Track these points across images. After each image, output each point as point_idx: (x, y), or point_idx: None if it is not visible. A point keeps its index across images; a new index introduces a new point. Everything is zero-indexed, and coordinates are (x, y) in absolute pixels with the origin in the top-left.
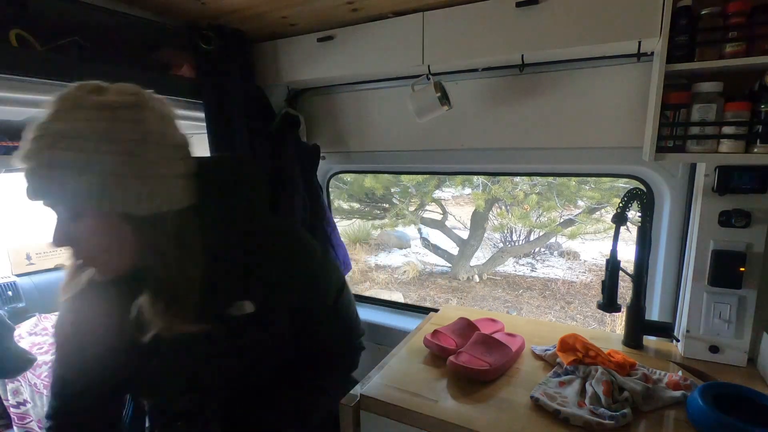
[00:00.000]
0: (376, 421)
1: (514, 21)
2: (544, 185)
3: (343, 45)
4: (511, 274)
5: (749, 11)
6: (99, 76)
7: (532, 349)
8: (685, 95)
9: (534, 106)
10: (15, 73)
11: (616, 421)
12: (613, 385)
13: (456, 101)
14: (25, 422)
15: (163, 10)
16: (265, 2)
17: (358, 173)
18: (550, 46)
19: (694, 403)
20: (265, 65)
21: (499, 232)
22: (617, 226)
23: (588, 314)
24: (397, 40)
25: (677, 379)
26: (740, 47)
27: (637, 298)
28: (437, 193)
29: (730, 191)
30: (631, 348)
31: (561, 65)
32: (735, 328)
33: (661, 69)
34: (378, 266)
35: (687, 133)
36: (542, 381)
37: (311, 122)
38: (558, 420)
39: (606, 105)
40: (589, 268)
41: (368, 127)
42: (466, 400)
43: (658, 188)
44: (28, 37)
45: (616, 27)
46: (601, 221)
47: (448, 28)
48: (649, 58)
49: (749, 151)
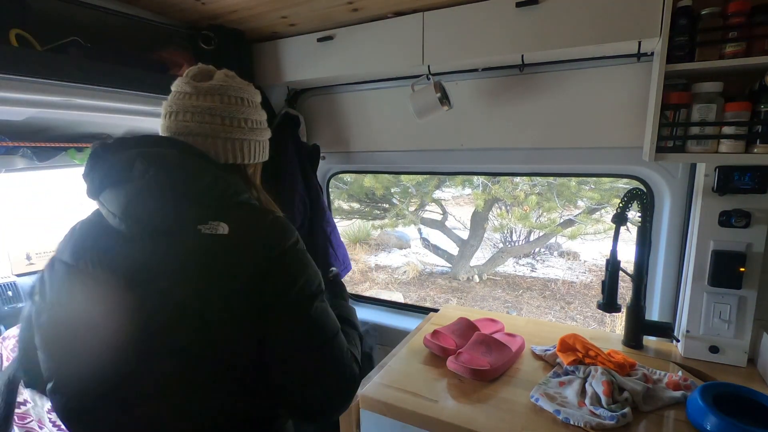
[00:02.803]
0: (376, 421)
1: (514, 21)
2: (544, 185)
3: (343, 45)
4: (511, 275)
5: (749, 11)
6: (99, 76)
7: (532, 349)
8: (685, 95)
9: (534, 106)
10: (15, 73)
11: (616, 421)
12: (613, 385)
13: (456, 101)
14: (25, 422)
15: (163, 10)
16: (265, 2)
17: (358, 173)
18: (550, 46)
19: (694, 403)
20: (265, 65)
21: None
22: (617, 226)
23: (588, 314)
24: (397, 40)
25: (677, 380)
26: (740, 47)
27: (637, 298)
28: (437, 193)
29: (730, 191)
30: (631, 348)
31: (561, 65)
32: (735, 328)
33: (661, 69)
34: (378, 266)
35: (687, 133)
36: (542, 381)
37: (311, 122)
38: (558, 420)
39: (606, 105)
40: (589, 268)
41: (368, 127)
42: (466, 400)
43: (658, 188)
44: (28, 37)
45: (616, 27)
46: (601, 221)
47: (448, 28)
48: (649, 58)
49: (749, 151)
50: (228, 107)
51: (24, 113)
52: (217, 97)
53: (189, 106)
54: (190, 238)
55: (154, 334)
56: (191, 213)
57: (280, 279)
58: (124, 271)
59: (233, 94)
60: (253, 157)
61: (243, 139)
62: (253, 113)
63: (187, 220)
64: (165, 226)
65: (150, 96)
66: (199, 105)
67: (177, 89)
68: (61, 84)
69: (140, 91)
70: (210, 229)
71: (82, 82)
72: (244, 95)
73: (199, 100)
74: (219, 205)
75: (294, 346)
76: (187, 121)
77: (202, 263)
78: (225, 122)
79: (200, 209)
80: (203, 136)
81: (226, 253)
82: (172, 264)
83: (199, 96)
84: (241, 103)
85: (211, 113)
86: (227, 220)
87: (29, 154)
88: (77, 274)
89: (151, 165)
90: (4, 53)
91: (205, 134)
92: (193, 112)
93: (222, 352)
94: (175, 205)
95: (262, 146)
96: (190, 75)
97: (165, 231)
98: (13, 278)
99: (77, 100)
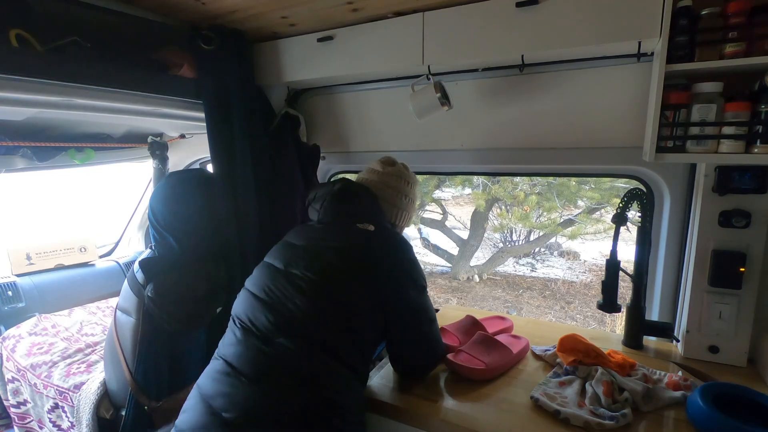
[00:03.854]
0: (377, 421)
1: (514, 21)
2: (544, 185)
3: (343, 45)
4: (511, 274)
5: (749, 11)
6: (99, 76)
7: (532, 349)
8: (685, 95)
9: (534, 106)
10: (15, 73)
11: (616, 421)
12: (614, 385)
13: (456, 101)
14: (25, 422)
15: (163, 10)
16: (265, 2)
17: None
18: (550, 46)
19: (694, 403)
20: (265, 65)
21: (499, 232)
22: (617, 226)
23: (588, 314)
24: (397, 40)
25: (677, 380)
26: (740, 47)
27: (637, 298)
28: (437, 193)
29: (730, 191)
30: (631, 348)
31: (561, 65)
32: (735, 328)
33: (661, 69)
34: None
35: (687, 134)
36: (542, 381)
37: (311, 122)
38: (558, 420)
39: (606, 105)
40: (589, 268)
41: (368, 127)
42: (466, 400)
43: (658, 188)
44: (28, 37)
45: (616, 27)
46: (601, 221)
47: (448, 28)
48: (649, 58)
49: (749, 152)
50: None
51: (24, 113)
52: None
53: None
54: (351, 228)
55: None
56: (355, 216)
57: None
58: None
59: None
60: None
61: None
62: (410, 192)
63: (352, 219)
64: (339, 220)
65: (150, 96)
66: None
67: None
68: (61, 84)
69: (140, 91)
70: (363, 226)
71: (82, 82)
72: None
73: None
74: (372, 218)
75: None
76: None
77: (349, 241)
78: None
79: (362, 216)
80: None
81: (365, 239)
82: (333, 239)
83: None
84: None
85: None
86: (374, 225)
87: (29, 154)
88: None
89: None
90: (4, 53)
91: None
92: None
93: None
94: (349, 210)
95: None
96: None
97: (338, 222)
98: (13, 278)
99: (77, 100)
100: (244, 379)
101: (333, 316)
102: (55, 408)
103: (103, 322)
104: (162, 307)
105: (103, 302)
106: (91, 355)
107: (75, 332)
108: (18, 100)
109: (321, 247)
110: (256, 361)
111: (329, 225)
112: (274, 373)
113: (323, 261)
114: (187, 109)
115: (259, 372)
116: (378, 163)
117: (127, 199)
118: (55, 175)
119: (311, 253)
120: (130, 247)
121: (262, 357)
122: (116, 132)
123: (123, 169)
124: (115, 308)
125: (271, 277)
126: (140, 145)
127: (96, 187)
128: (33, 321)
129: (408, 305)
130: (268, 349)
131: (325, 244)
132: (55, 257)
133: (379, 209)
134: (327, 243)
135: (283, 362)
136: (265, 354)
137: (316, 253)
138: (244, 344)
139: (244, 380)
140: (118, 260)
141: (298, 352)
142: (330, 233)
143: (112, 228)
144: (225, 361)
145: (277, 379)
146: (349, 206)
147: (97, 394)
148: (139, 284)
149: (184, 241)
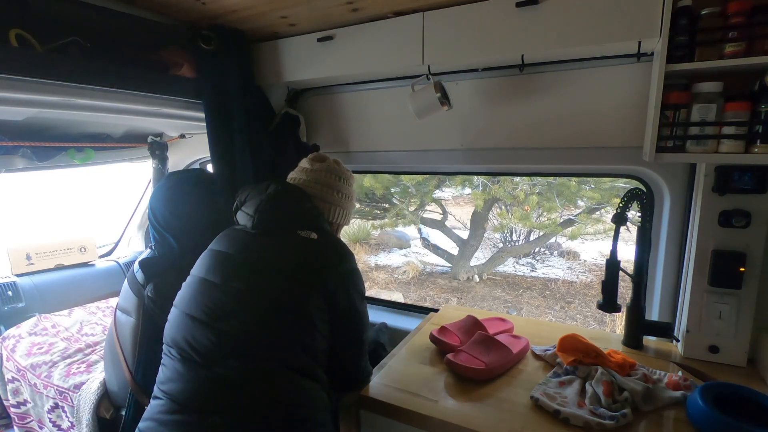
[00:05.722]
0: (376, 421)
1: (514, 21)
2: (544, 185)
3: (343, 45)
4: (511, 274)
5: (749, 11)
6: (99, 76)
7: (532, 349)
8: (685, 95)
9: (534, 106)
10: (15, 73)
11: (616, 421)
12: (613, 385)
13: (456, 101)
14: (25, 422)
15: (163, 10)
16: (265, 2)
17: (358, 173)
18: (550, 46)
19: (694, 403)
20: (265, 65)
21: (499, 232)
22: (617, 226)
23: (588, 314)
24: (397, 40)
25: (677, 380)
26: (740, 47)
27: (637, 298)
28: (437, 193)
29: (730, 191)
30: (631, 348)
31: (561, 65)
32: (735, 328)
33: (661, 69)
34: (378, 266)
35: (687, 133)
36: (542, 381)
37: (311, 122)
38: (558, 420)
39: (606, 105)
40: (589, 268)
41: (368, 127)
42: (466, 400)
43: (658, 188)
44: (28, 37)
45: (616, 27)
46: (601, 221)
47: (448, 28)
48: (649, 58)
49: (749, 151)
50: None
51: (24, 113)
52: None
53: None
54: (292, 237)
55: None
56: (295, 222)
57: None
58: (252, 256)
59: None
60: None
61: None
62: (344, 188)
63: (291, 226)
64: (278, 228)
65: (150, 96)
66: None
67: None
68: (61, 84)
69: (140, 91)
70: (305, 234)
71: (82, 82)
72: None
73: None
74: (312, 223)
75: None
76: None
77: (296, 253)
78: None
79: (301, 222)
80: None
81: (313, 250)
82: (278, 252)
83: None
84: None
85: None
86: (316, 231)
87: (29, 154)
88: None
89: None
90: (4, 53)
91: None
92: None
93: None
94: (287, 215)
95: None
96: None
97: (277, 231)
98: (13, 278)
99: (77, 100)
100: (196, 415)
101: (283, 329)
102: (55, 408)
103: (103, 322)
104: (162, 307)
105: (103, 302)
106: (91, 355)
107: (75, 332)
108: (18, 100)
109: (263, 258)
110: (205, 390)
111: (268, 234)
112: (229, 399)
113: (267, 273)
114: (187, 109)
115: (211, 402)
116: (307, 160)
117: (127, 199)
118: (55, 175)
119: (252, 265)
120: (130, 247)
121: (211, 385)
122: (116, 132)
123: (123, 169)
124: (115, 308)
125: (209, 294)
126: (140, 145)
127: (96, 187)
128: (33, 321)
129: (355, 313)
130: (216, 375)
131: (267, 255)
132: (55, 257)
133: (316, 210)
134: (269, 254)
135: (235, 386)
136: (213, 381)
137: (259, 265)
138: (186, 376)
139: (195, 416)
140: (118, 260)
141: (251, 372)
142: (271, 243)
143: (112, 228)
144: (170, 399)
145: (234, 405)
146: (286, 211)
147: (97, 394)
148: (139, 284)
149: (184, 240)
